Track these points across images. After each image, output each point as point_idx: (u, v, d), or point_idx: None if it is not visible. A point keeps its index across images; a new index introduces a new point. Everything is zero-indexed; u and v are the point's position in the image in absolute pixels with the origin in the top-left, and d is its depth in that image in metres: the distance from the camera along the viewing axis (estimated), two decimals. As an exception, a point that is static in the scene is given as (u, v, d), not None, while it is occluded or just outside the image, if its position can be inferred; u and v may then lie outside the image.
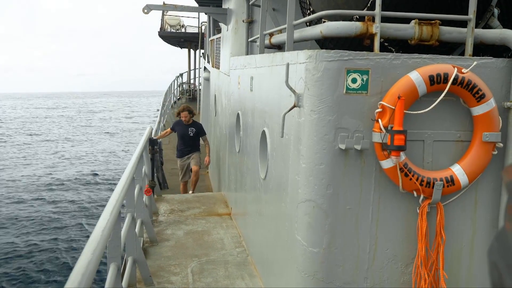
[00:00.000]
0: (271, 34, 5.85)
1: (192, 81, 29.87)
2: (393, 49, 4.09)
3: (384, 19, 3.67)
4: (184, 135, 9.87)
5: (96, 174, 23.96)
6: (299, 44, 4.77)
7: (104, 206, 3.47)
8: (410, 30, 3.82)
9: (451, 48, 4.22)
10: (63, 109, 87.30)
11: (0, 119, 60.92)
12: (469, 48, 3.72)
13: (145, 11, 9.39)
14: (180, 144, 9.97)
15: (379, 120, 3.36)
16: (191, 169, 9.74)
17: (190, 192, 9.64)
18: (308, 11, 5.12)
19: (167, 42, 27.97)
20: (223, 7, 10.46)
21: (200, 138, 9.97)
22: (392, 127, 3.29)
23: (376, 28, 3.63)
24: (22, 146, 34.73)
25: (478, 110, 3.44)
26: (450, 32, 3.88)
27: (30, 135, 43.05)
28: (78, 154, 31.17)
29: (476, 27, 3.77)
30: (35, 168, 25.78)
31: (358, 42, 3.85)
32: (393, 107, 3.30)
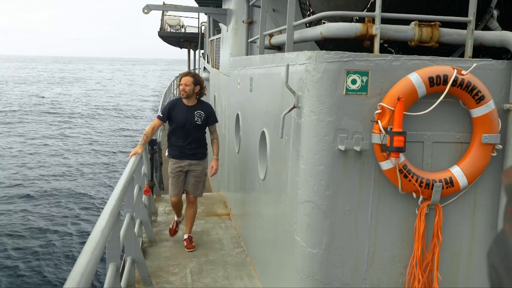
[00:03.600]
0: (271, 35, 5.86)
1: (191, 81, 29.79)
2: (393, 51, 4.10)
3: (384, 21, 3.68)
4: (187, 123, 5.73)
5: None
6: (299, 45, 4.77)
7: (103, 204, 3.47)
8: (410, 31, 3.82)
9: (450, 49, 4.23)
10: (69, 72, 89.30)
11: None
12: (468, 50, 3.73)
13: (145, 11, 9.39)
14: (176, 138, 5.83)
15: (379, 121, 3.36)
16: (187, 188, 5.96)
17: (185, 235, 6.02)
18: (308, 12, 5.13)
19: (166, 42, 27.97)
20: (223, 7, 10.46)
21: (208, 128, 5.94)
22: (391, 129, 3.30)
23: (376, 29, 3.63)
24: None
25: (477, 111, 3.45)
26: (450, 34, 3.89)
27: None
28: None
29: (475, 29, 3.77)
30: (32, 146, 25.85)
31: (358, 44, 3.86)
32: (393, 109, 3.30)
